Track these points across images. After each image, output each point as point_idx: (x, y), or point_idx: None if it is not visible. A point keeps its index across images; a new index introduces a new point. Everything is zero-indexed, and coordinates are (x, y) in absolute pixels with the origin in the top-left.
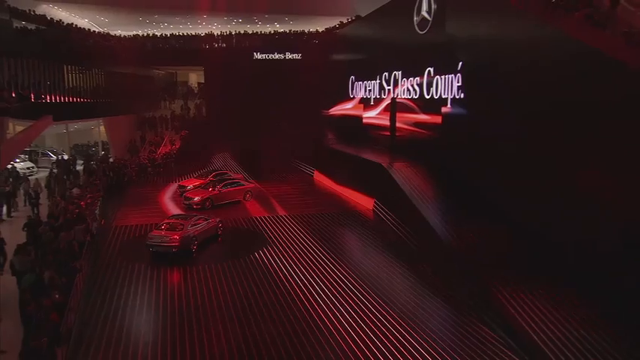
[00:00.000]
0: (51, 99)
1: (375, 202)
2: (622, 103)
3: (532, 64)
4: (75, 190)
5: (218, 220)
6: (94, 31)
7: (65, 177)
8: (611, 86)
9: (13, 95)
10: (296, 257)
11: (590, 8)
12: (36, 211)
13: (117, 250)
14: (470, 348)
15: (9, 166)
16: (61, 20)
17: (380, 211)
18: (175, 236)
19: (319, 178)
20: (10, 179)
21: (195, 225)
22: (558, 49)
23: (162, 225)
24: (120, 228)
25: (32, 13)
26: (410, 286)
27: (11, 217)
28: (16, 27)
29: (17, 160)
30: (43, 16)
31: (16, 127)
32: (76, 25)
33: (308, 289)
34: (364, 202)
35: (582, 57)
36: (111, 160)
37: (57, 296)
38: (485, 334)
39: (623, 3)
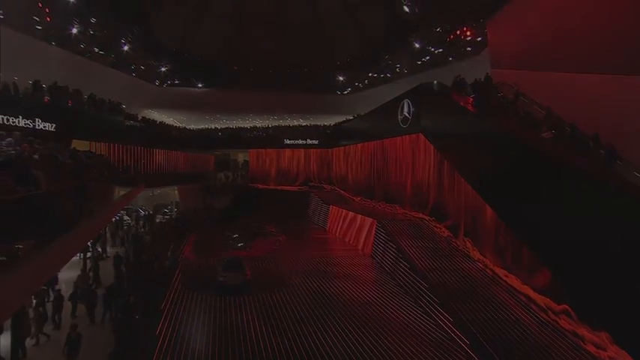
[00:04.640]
0: (143, 172)
1: (372, 247)
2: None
3: (474, 140)
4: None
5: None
6: (176, 126)
7: (149, 227)
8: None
9: (119, 170)
10: (312, 285)
11: (500, 99)
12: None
13: (183, 281)
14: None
15: (117, 217)
16: (154, 119)
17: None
18: (247, 272)
19: (331, 229)
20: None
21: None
22: (485, 130)
23: (226, 264)
24: (185, 264)
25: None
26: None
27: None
28: (127, 125)
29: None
30: (144, 117)
31: (119, 191)
32: (164, 122)
33: (321, 310)
34: (364, 245)
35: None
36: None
37: (137, 317)
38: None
39: (522, 98)
